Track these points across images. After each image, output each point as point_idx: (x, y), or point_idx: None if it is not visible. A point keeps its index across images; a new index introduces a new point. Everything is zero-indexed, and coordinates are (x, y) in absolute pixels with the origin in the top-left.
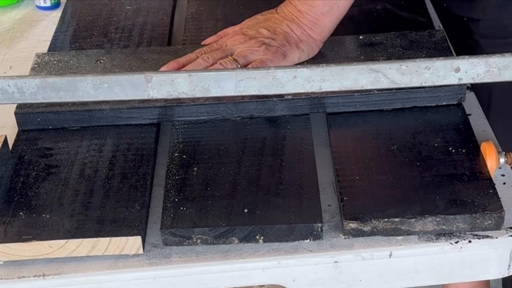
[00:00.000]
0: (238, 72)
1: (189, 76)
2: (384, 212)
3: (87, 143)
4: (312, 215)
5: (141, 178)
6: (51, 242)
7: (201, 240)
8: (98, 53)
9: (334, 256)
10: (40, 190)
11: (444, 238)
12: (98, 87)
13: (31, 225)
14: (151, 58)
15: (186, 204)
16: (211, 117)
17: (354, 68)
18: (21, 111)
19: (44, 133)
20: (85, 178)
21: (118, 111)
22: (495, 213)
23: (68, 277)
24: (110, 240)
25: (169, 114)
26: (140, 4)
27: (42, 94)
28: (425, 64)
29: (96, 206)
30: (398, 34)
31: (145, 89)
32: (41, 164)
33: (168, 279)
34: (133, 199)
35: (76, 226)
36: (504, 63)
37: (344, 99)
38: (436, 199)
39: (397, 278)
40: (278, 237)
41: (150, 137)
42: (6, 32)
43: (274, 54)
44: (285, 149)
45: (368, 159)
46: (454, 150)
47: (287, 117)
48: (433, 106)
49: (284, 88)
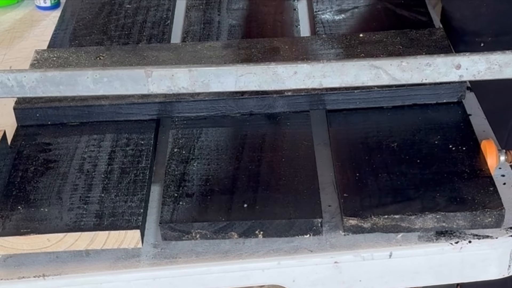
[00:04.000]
0: (239, 67)
1: (189, 71)
2: (384, 209)
3: (86, 139)
4: (312, 210)
5: (140, 173)
6: (49, 236)
7: (200, 234)
8: (97, 49)
9: (334, 256)
10: (38, 184)
11: (444, 238)
12: (98, 82)
13: (30, 219)
14: (151, 55)
15: (185, 199)
16: (210, 113)
17: (354, 64)
18: (20, 107)
19: (43, 128)
20: (84, 173)
21: (118, 106)
22: (495, 211)
23: (68, 277)
24: (109, 234)
25: (168, 110)
26: (139, 2)
27: (42, 88)
28: (426, 60)
29: (94, 200)
30: (398, 33)
31: (145, 84)
32: (39, 159)
33: (168, 280)
34: (132, 193)
35: (74, 220)
36: (505, 60)
37: (344, 96)
38: (436, 196)
39: (397, 278)
40: (277, 232)
41: (149, 133)
42: (6, 32)
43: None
44: (285, 145)
45: (368, 156)
46: (455, 148)
47: (287, 114)
48: (433, 103)
49: (285, 84)
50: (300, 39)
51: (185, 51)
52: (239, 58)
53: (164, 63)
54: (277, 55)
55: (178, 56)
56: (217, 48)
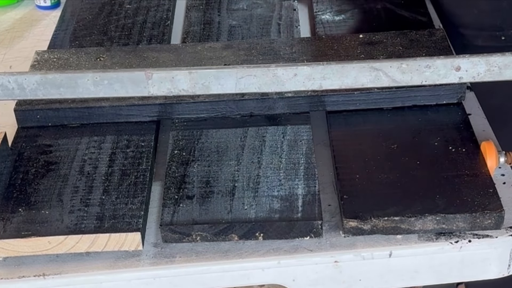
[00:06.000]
0: (239, 69)
1: (190, 73)
2: (384, 211)
3: (86, 140)
4: (312, 212)
5: (140, 175)
6: (50, 238)
7: (201, 237)
8: (98, 50)
9: (334, 256)
10: (39, 186)
11: (444, 237)
12: (98, 84)
13: (31, 221)
14: (151, 56)
15: (185, 201)
16: (211, 115)
17: (354, 66)
18: (20, 108)
19: (44, 130)
20: (84, 175)
21: (118, 108)
22: (495, 213)
23: (68, 276)
24: (110, 236)
25: (169, 111)
26: (139, 2)
27: (42, 91)
28: (425, 62)
29: (95, 203)
30: (398, 33)
31: (145, 86)
32: (40, 160)
33: (168, 279)
34: (132, 195)
35: (75, 222)
36: (505, 62)
37: (344, 97)
38: (436, 198)
39: (397, 277)
40: (278, 234)
41: (149, 134)
42: (6, 32)
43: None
44: (285, 147)
45: (368, 157)
46: (454, 149)
47: (287, 115)
48: (433, 105)
49: (285, 86)
50: (300, 40)
51: (185, 52)
52: (239, 59)
53: (164, 64)
54: (277, 56)
55: (178, 57)
56: (217, 49)
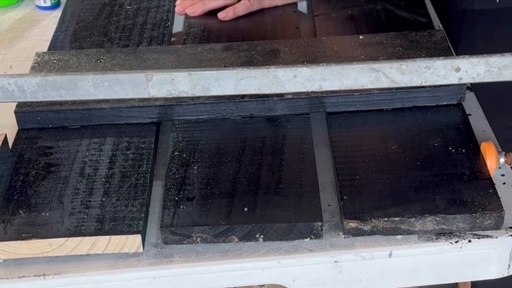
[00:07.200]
0: (239, 71)
1: (189, 75)
2: (384, 212)
3: (87, 142)
4: (312, 214)
5: (141, 176)
6: (50, 240)
7: (201, 238)
8: (98, 52)
9: (334, 256)
10: (40, 188)
11: (444, 237)
12: (98, 86)
13: (31, 223)
14: (151, 57)
15: (186, 203)
16: (211, 116)
17: (354, 68)
18: (21, 110)
19: (44, 132)
20: (85, 177)
21: (118, 110)
22: (495, 213)
23: (68, 276)
24: (110, 239)
25: (169, 113)
26: (140, 3)
27: (43, 93)
28: (425, 63)
29: (96, 205)
30: (398, 34)
31: (145, 88)
32: (41, 162)
33: (168, 279)
34: (133, 197)
35: (76, 225)
36: (505, 62)
37: (344, 98)
38: (436, 198)
39: (397, 277)
40: (278, 236)
41: (150, 136)
42: (6, 32)
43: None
44: (285, 148)
45: (368, 158)
46: (454, 150)
47: (287, 117)
48: (433, 105)
49: (285, 87)
50: (300, 41)
51: (186, 53)
52: (239, 61)
53: (164, 65)
54: (277, 57)
55: (178, 59)
56: (217, 51)
